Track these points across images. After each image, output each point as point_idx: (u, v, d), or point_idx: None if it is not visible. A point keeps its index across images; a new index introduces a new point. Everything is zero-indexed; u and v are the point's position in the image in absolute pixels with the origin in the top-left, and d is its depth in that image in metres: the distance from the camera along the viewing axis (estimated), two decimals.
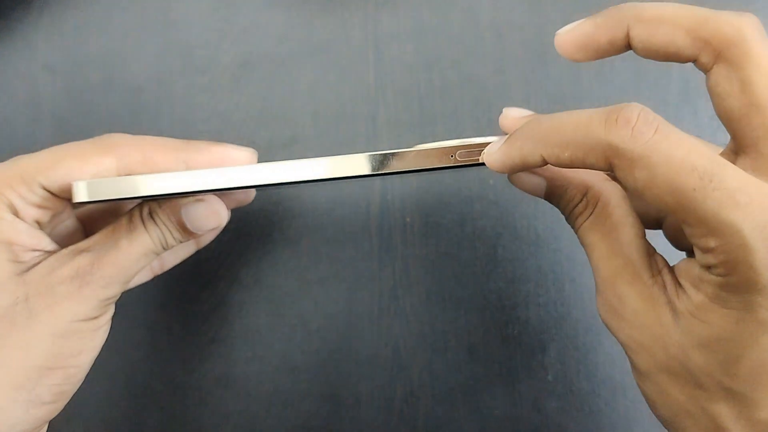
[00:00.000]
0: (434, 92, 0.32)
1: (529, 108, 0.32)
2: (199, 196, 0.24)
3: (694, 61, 0.19)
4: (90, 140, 0.24)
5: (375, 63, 0.33)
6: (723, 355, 0.18)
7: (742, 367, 0.18)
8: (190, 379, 0.33)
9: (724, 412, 0.19)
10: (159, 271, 0.29)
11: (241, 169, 0.21)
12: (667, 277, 0.20)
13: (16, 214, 0.23)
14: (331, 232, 0.32)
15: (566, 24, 0.22)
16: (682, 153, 0.17)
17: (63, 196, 0.23)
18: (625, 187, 0.19)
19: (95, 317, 0.24)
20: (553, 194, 0.22)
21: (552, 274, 0.31)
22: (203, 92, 0.34)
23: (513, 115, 0.23)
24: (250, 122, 0.34)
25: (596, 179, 0.21)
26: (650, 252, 0.20)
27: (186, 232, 0.25)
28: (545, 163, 0.19)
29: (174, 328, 0.33)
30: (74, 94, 0.35)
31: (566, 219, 0.23)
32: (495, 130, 0.23)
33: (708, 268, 0.18)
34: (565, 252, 0.31)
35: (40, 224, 0.24)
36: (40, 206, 0.23)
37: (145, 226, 0.24)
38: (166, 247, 0.25)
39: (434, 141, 0.21)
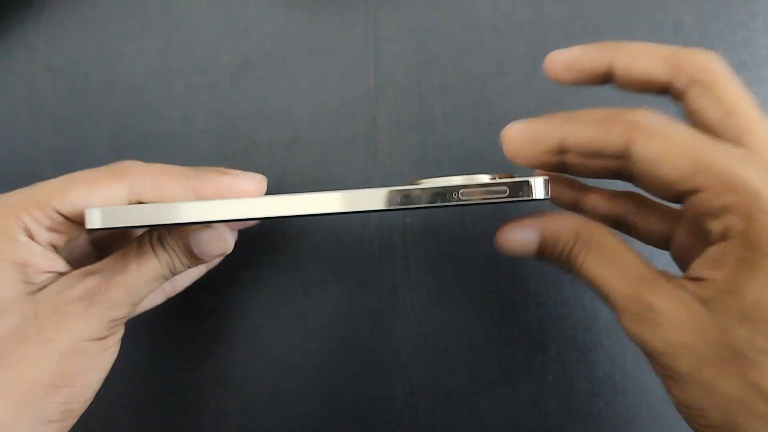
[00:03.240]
0: (434, 92, 0.32)
1: (529, 107, 0.32)
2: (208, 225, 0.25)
3: (668, 90, 0.22)
4: (104, 167, 0.25)
5: (375, 63, 0.33)
6: (765, 321, 0.19)
7: None
8: (190, 379, 0.33)
9: None
10: (171, 293, 0.30)
11: (248, 201, 0.22)
12: (681, 280, 0.21)
13: (31, 236, 0.24)
14: (331, 232, 0.32)
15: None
16: (693, 131, 0.20)
17: (76, 221, 0.24)
18: (639, 162, 0.20)
19: (103, 337, 0.24)
20: (547, 244, 0.23)
21: (552, 274, 0.31)
22: (203, 92, 0.34)
23: (516, 128, 0.23)
24: (250, 122, 0.34)
25: (582, 222, 0.23)
26: (655, 268, 0.21)
27: (193, 258, 0.25)
28: (560, 146, 0.21)
29: (174, 327, 0.33)
30: (74, 94, 0.35)
31: (565, 266, 0.23)
32: (495, 130, 0.23)
33: (725, 235, 0.19)
34: None
35: (55, 247, 0.25)
36: (54, 230, 0.24)
37: (154, 252, 0.24)
38: (174, 272, 0.25)
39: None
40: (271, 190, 0.33)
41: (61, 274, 0.24)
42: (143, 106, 0.34)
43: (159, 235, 0.25)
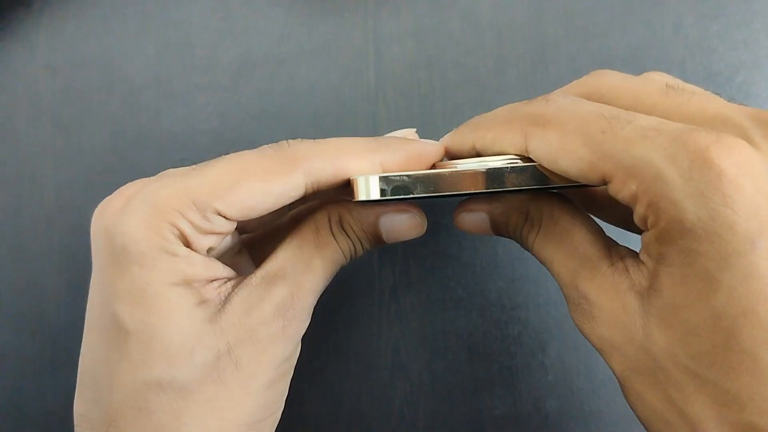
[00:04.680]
0: (434, 92, 0.32)
1: None
2: (403, 207, 0.22)
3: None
4: (269, 153, 0.20)
5: (375, 63, 0.33)
6: (681, 329, 0.16)
7: (703, 343, 0.15)
8: None
9: (701, 414, 0.16)
10: None
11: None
12: (630, 261, 0.18)
13: (188, 245, 0.19)
14: None
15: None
16: (592, 107, 0.17)
17: (240, 219, 0.20)
18: (541, 161, 0.18)
19: (294, 354, 0.21)
20: (499, 224, 0.22)
21: None
22: (203, 92, 0.34)
23: (444, 139, 0.23)
24: (250, 122, 0.34)
25: (532, 198, 0.21)
26: (608, 244, 0.19)
27: (378, 242, 0.22)
28: (474, 149, 0.20)
29: None
30: (74, 94, 0.35)
31: (521, 245, 0.22)
32: None
33: (645, 225, 0.17)
34: None
35: (209, 251, 0.21)
36: (213, 233, 0.19)
37: (336, 240, 0.21)
38: (353, 259, 0.22)
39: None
40: None
41: (226, 279, 0.20)
42: (143, 106, 0.34)
43: (339, 217, 0.21)
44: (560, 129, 0.17)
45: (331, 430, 0.32)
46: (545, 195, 0.21)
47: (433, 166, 0.22)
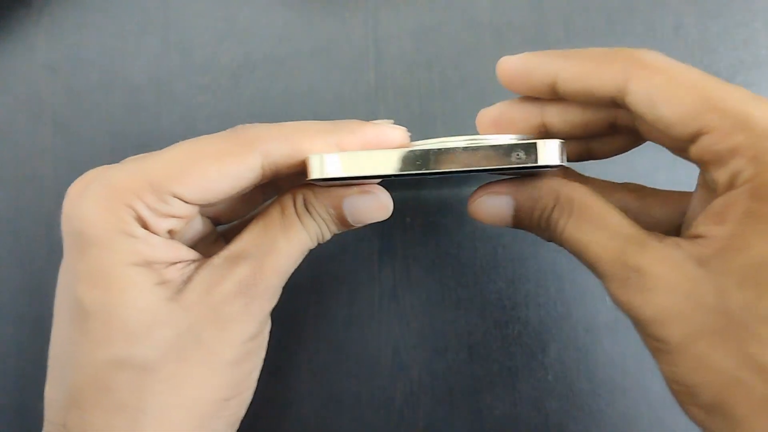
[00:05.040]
0: (434, 92, 0.32)
1: None
2: (367, 188, 0.22)
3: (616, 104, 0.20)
4: (224, 135, 0.20)
5: (375, 63, 0.33)
6: None
7: None
8: None
9: None
10: None
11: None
12: (676, 239, 0.18)
13: (146, 227, 0.19)
14: None
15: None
16: (699, 70, 0.18)
17: (199, 203, 0.20)
18: (639, 102, 0.18)
19: (261, 332, 0.21)
20: (523, 210, 0.21)
21: (552, 274, 0.31)
22: (203, 92, 0.34)
23: (511, 59, 0.21)
24: (250, 122, 0.33)
25: (561, 183, 0.21)
26: (644, 229, 0.20)
27: (344, 225, 0.22)
28: (553, 83, 0.20)
29: None
30: (74, 94, 0.35)
31: (545, 232, 0.21)
32: None
33: (732, 183, 0.17)
34: (565, 252, 0.31)
35: (171, 234, 0.21)
36: (172, 216, 0.20)
37: (301, 221, 0.21)
38: (320, 243, 0.22)
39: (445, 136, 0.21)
40: None
41: (190, 262, 0.20)
42: (143, 106, 0.34)
43: (304, 199, 0.21)
44: (668, 75, 0.18)
45: (331, 430, 0.32)
46: (573, 182, 0.21)
47: None
